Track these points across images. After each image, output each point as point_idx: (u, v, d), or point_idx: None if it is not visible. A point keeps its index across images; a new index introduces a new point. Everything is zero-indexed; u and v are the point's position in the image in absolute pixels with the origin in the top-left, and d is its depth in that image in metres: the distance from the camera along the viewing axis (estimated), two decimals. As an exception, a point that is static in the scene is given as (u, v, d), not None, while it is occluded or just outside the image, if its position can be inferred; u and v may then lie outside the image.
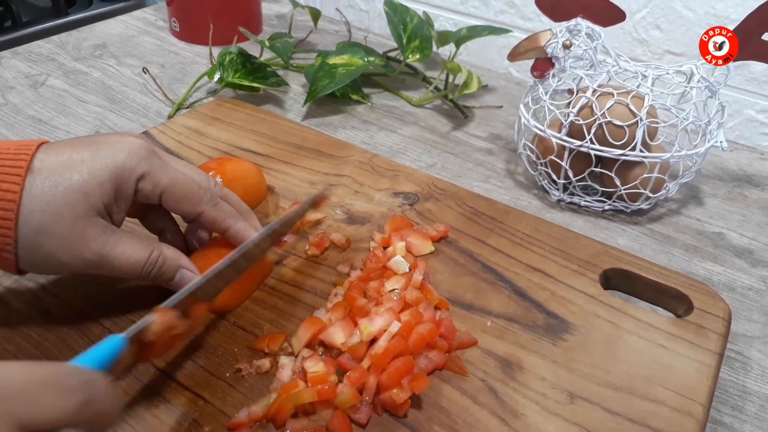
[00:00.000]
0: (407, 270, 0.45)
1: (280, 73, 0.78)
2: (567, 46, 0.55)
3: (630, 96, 0.53)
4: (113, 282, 0.44)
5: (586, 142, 0.53)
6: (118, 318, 0.41)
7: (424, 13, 0.82)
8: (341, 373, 0.37)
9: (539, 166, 0.59)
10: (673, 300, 0.46)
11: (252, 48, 0.79)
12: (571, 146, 0.54)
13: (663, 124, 0.54)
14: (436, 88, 0.76)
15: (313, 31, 0.93)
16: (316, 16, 0.87)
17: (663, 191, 0.56)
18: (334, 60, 0.73)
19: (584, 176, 0.56)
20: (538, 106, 0.58)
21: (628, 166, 0.55)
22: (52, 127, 0.66)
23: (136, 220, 0.44)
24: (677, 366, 0.40)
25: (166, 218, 0.44)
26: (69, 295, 0.43)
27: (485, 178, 0.63)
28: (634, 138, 0.52)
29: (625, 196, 0.56)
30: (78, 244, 0.36)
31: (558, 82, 0.57)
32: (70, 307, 0.42)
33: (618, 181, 0.55)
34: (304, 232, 0.50)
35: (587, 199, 0.58)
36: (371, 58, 0.75)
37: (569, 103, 0.55)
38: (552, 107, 0.55)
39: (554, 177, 0.58)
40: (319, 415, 0.35)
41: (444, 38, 0.79)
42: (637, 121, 0.52)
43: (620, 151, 0.53)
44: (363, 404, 0.36)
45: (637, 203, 0.57)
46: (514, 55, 0.58)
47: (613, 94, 0.53)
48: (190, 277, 0.40)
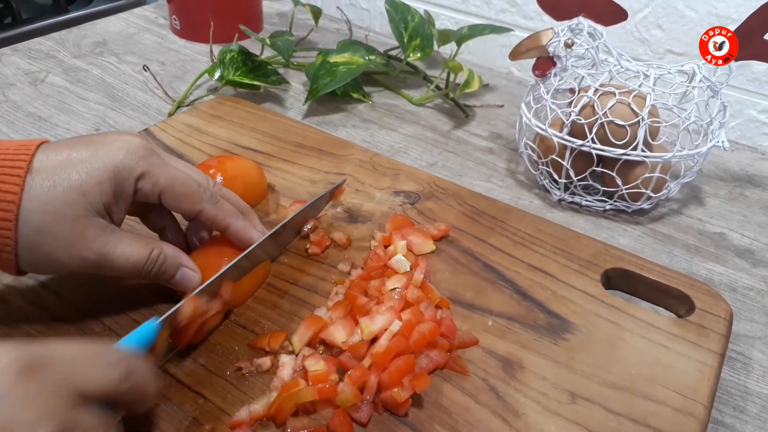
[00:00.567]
0: (408, 269, 0.45)
1: (281, 71, 0.78)
2: (569, 45, 0.55)
3: (632, 95, 0.53)
4: (114, 280, 0.44)
5: (588, 142, 0.53)
6: (119, 316, 0.41)
7: (426, 12, 0.82)
8: (342, 371, 0.37)
9: (540, 166, 0.59)
10: (674, 300, 0.46)
11: (253, 46, 0.79)
12: (573, 146, 0.54)
13: (665, 124, 0.54)
14: (437, 87, 0.76)
15: (314, 30, 0.93)
16: (317, 14, 0.87)
17: (664, 191, 0.56)
18: (335, 58, 0.72)
19: (585, 176, 0.56)
20: (539, 106, 0.58)
21: (630, 165, 0.54)
22: (52, 124, 0.66)
23: (137, 219, 0.44)
24: (678, 366, 0.40)
25: (166, 216, 0.44)
26: (70, 292, 0.43)
27: (486, 177, 0.63)
28: (636, 138, 0.52)
29: (626, 196, 0.56)
30: (78, 244, 0.36)
31: (559, 81, 0.57)
32: (71, 305, 0.42)
33: (619, 181, 0.55)
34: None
35: (588, 198, 0.58)
36: (372, 57, 0.74)
37: (571, 103, 0.55)
38: (553, 106, 0.55)
39: (555, 176, 0.57)
40: (320, 414, 0.35)
41: (445, 37, 0.79)
42: (639, 121, 0.52)
43: (622, 151, 0.53)
44: (364, 403, 0.36)
45: (639, 203, 0.57)
46: (516, 54, 0.58)
47: (615, 94, 0.53)
48: (191, 276, 0.40)
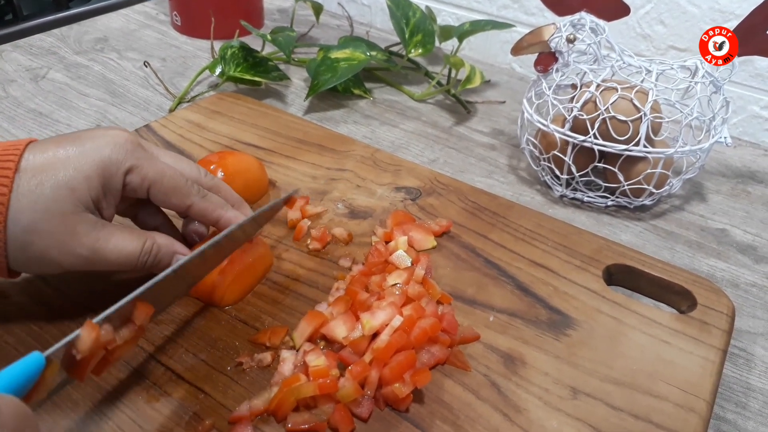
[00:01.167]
0: (409, 264, 0.44)
1: (282, 67, 0.78)
2: (571, 41, 0.54)
3: (634, 91, 0.52)
4: (115, 275, 0.44)
5: (590, 137, 0.53)
6: (118, 311, 0.41)
7: (427, 8, 0.82)
8: (343, 367, 0.37)
9: (542, 162, 0.59)
10: (676, 296, 0.46)
11: (254, 42, 0.79)
12: (575, 141, 0.54)
13: (667, 120, 0.53)
14: (439, 83, 0.76)
15: (315, 26, 0.92)
16: (318, 10, 0.86)
17: (666, 187, 0.56)
18: (336, 54, 0.72)
19: (587, 171, 0.56)
20: (541, 101, 0.58)
21: (632, 161, 0.54)
22: (52, 120, 0.66)
23: (129, 222, 0.44)
24: (680, 362, 0.40)
25: (158, 215, 0.43)
26: (70, 287, 0.43)
27: (488, 173, 0.63)
28: (638, 133, 0.52)
29: (628, 192, 0.56)
30: (69, 241, 0.35)
31: (561, 76, 0.56)
32: (71, 300, 0.42)
33: (621, 177, 0.54)
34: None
35: (590, 194, 0.58)
36: (373, 53, 0.74)
37: (573, 98, 0.55)
38: (555, 102, 0.55)
39: (557, 172, 0.57)
40: (321, 409, 0.35)
41: (446, 33, 0.79)
42: (641, 117, 0.52)
43: (624, 147, 0.52)
44: (365, 398, 0.36)
45: (641, 199, 0.57)
46: (518, 50, 0.57)
47: (617, 89, 0.53)
48: None
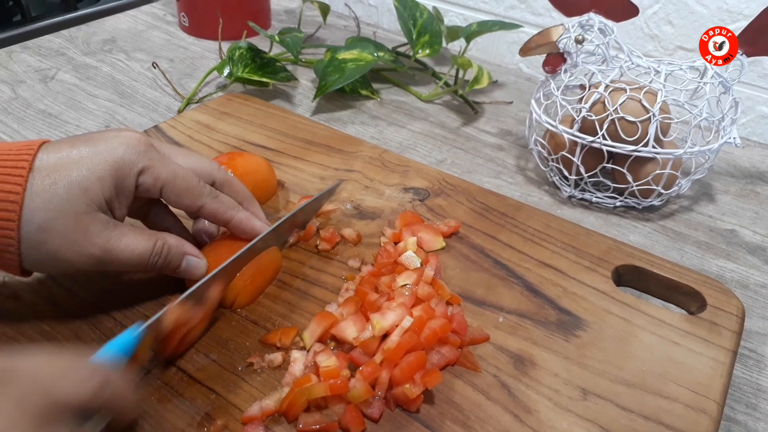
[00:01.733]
0: (418, 265, 0.44)
1: (290, 68, 0.78)
2: (579, 41, 0.54)
3: (643, 92, 0.52)
4: (125, 275, 0.44)
5: (599, 138, 0.53)
6: (130, 311, 0.41)
7: (434, 8, 0.82)
8: (353, 367, 0.37)
9: (550, 162, 0.59)
10: (685, 297, 0.46)
11: (261, 43, 0.79)
12: (583, 142, 0.54)
13: (676, 120, 0.53)
14: (446, 84, 0.76)
15: (322, 27, 0.92)
16: (325, 11, 0.87)
17: (675, 188, 0.56)
18: (343, 55, 0.72)
19: (596, 172, 0.56)
20: (549, 102, 0.58)
21: (641, 162, 0.54)
22: (62, 121, 0.66)
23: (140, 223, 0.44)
24: (690, 363, 0.40)
25: (168, 217, 0.43)
26: (81, 288, 0.43)
27: (496, 173, 0.63)
28: (647, 134, 0.52)
29: (637, 193, 0.56)
30: (81, 240, 0.36)
31: (570, 77, 0.56)
32: (83, 300, 0.42)
33: (630, 178, 0.54)
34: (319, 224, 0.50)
35: (599, 195, 0.58)
36: (381, 54, 0.74)
37: (581, 99, 0.55)
38: (564, 103, 0.55)
39: (565, 173, 0.57)
40: (332, 410, 0.35)
41: (454, 33, 0.79)
42: (650, 117, 0.52)
43: (632, 147, 0.52)
44: (375, 399, 0.36)
45: (649, 200, 0.57)
46: (526, 51, 0.57)
47: (626, 90, 0.53)
48: (197, 263, 0.40)
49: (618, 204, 0.58)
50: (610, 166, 0.56)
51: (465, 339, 0.40)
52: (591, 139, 0.53)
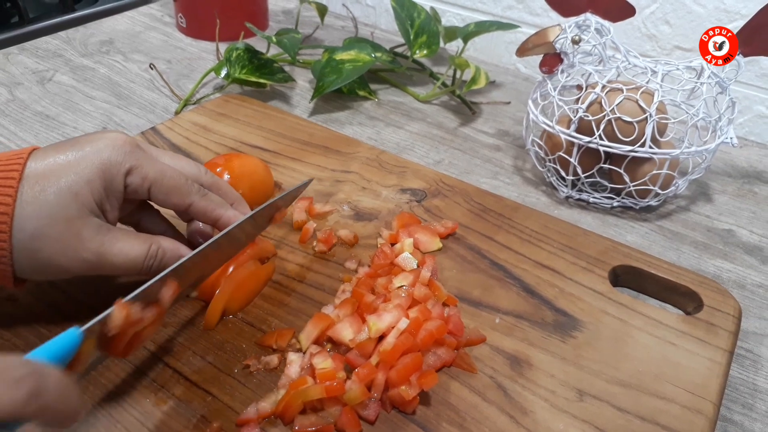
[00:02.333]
0: (415, 266, 0.45)
1: (287, 69, 0.78)
2: (576, 42, 0.54)
3: (639, 92, 0.52)
4: (120, 278, 0.44)
5: (595, 139, 0.53)
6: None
7: (432, 9, 0.82)
8: (349, 369, 0.37)
9: (547, 163, 0.59)
10: (682, 297, 0.46)
11: (259, 44, 0.79)
12: (580, 142, 0.54)
13: (673, 120, 0.53)
14: (444, 84, 0.76)
15: (320, 27, 0.92)
16: (322, 11, 0.87)
17: (672, 188, 0.56)
18: (340, 56, 0.72)
19: (593, 173, 0.56)
20: (546, 102, 0.58)
21: (638, 162, 0.54)
22: (59, 123, 0.66)
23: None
24: (687, 363, 0.40)
25: (161, 223, 0.43)
26: (78, 290, 0.43)
27: (493, 174, 0.63)
28: (644, 134, 0.52)
29: (634, 193, 0.56)
30: (75, 245, 0.35)
31: (567, 77, 0.56)
32: (79, 303, 0.42)
33: (627, 178, 0.54)
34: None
35: (596, 195, 0.58)
36: (378, 54, 0.74)
37: (578, 99, 0.55)
38: (561, 103, 0.55)
39: (563, 173, 0.57)
40: (328, 412, 0.35)
41: (451, 34, 0.79)
42: (647, 117, 0.52)
43: (629, 148, 0.52)
44: (371, 401, 0.36)
45: (646, 200, 0.57)
46: (523, 51, 0.57)
47: (623, 90, 0.52)
48: None
49: (615, 204, 0.58)
50: (607, 166, 0.56)
51: (461, 340, 0.40)
52: (588, 139, 0.53)
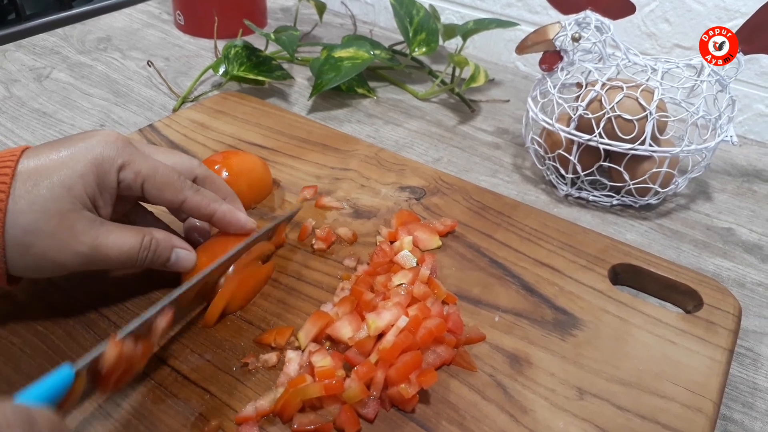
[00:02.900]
0: (414, 264, 0.44)
1: (285, 66, 0.78)
2: (576, 39, 0.54)
3: (639, 90, 0.52)
4: (114, 273, 0.44)
5: (595, 137, 0.53)
6: (124, 312, 0.41)
7: (431, 6, 0.81)
8: (348, 367, 0.37)
9: (547, 161, 0.59)
10: (682, 296, 0.46)
11: (257, 41, 0.79)
12: (580, 140, 0.54)
13: (672, 119, 0.53)
14: (443, 82, 0.76)
15: (318, 25, 0.92)
16: (321, 9, 0.86)
17: (672, 186, 0.56)
18: (339, 53, 0.72)
19: (593, 171, 0.55)
20: (546, 100, 0.58)
21: (637, 160, 0.54)
22: (56, 120, 0.66)
23: None
24: (687, 362, 0.40)
25: (155, 222, 0.43)
26: (75, 288, 0.43)
27: (492, 172, 0.62)
28: (644, 132, 0.52)
29: (633, 191, 0.56)
30: (68, 239, 0.35)
31: (566, 75, 0.56)
32: (77, 301, 0.42)
33: (627, 176, 0.54)
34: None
35: (595, 193, 0.58)
36: (377, 52, 0.74)
37: (578, 97, 0.55)
38: (560, 101, 0.55)
39: (562, 171, 0.57)
40: (327, 410, 0.35)
41: (450, 31, 0.79)
42: (647, 115, 0.52)
43: (629, 146, 0.52)
44: (371, 399, 0.36)
45: (646, 198, 0.57)
46: (522, 48, 0.57)
47: (623, 88, 0.52)
48: (186, 256, 0.40)
49: (615, 202, 0.58)
50: (606, 164, 0.56)
51: (461, 338, 0.40)
52: (588, 137, 0.53)
